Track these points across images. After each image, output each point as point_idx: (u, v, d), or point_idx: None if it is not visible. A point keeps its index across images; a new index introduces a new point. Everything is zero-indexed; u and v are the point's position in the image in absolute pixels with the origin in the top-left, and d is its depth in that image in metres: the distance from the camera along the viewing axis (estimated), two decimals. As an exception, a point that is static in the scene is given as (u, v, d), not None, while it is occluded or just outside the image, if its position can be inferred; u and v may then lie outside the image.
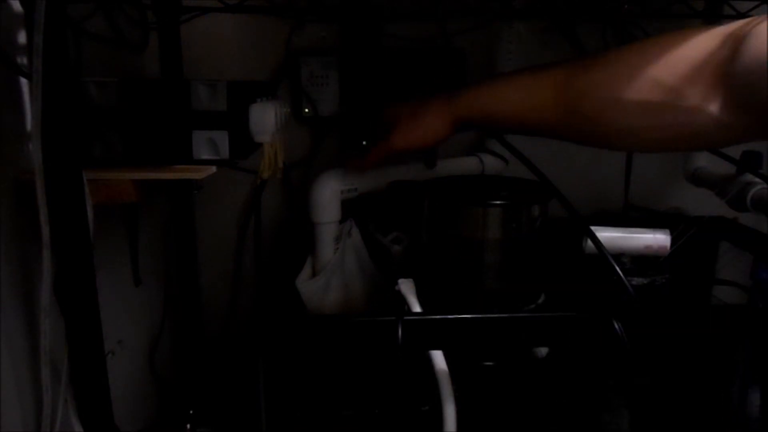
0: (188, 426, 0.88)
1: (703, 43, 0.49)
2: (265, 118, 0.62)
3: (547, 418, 0.68)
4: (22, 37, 0.53)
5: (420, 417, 0.65)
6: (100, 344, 0.52)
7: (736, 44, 0.46)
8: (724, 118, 0.48)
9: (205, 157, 0.59)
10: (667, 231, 0.77)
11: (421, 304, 0.64)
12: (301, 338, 0.53)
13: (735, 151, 0.85)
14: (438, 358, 0.59)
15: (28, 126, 0.54)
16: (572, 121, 0.58)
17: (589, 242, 0.66)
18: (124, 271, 0.82)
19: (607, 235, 0.75)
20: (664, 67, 0.50)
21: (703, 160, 1.01)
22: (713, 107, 0.48)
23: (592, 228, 0.65)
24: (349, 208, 0.85)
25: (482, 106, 0.65)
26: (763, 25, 0.45)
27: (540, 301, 0.73)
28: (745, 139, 0.51)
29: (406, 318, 0.51)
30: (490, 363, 0.68)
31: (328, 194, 0.81)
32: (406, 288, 0.66)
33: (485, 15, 0.95)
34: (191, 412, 0.89)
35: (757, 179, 0.86)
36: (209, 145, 0.59)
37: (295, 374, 0.71)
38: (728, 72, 0.47)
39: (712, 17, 0.89)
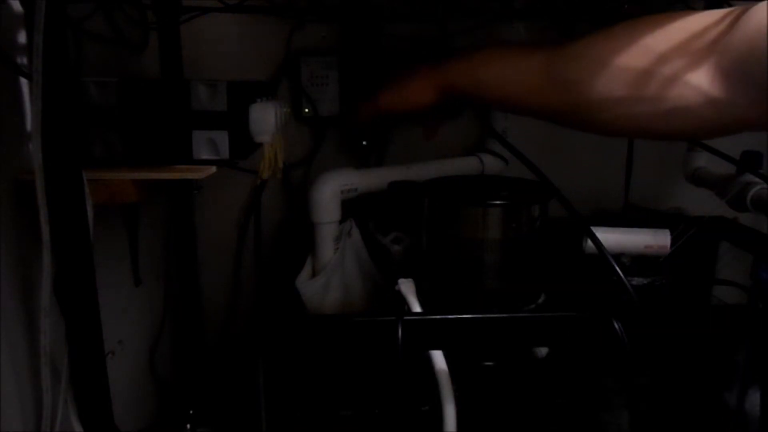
0: (188, 426, 0.88)
1: (701, 18, 0.48)
2: (265, 118, 0.62)
3: (547, 418, 0.68)
4: (22, 37, 0.53)
5: (420, 417, 0.65)
6: (100, 344, 0.52)
7: (735, 19, 0.45)
8: (714, 92, 0.46)
9: (205, 157, 0.59)
10: (667, 231, 0.77)
11: (421, 304, 0.64)
12: (301, 338, 0.53)
13: (735, 151, 0.85)
14: (438, 358, 0.59)
15: (28, 126, 0.54)
16: (558, 89, 0.56)
17: (589, 242, 0.66)
18: (124, 271, 0.82)
19: (607, 235, 0.75)
20: (659, 36, 0.49)
21: (703, 160, 1.01)
22: (703, 79, 0.46)
23: (592, 228, 0.65)
24: (349, 208, 0.85)
25: (470, 73, 0.63)
26: (765, 2, 0.43)
27: (540, 301, 0.73)
28: (732, 123, 0.48)
29: (406, 318, 0.51)
30: (490, 363, 0.68)
31: (328, 194, 0.81)
32: (406, 288, 0.66)
33: (485, 15, 0.95)
34: (191, 412, 0.89)
35: (757, 179, 0.86)
36: (209, 145, 0.59)
37: (295, 374, 0.71)
38: (724, 43, 0.45)
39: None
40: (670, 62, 0.48)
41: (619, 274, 0.57)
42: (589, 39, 0.55)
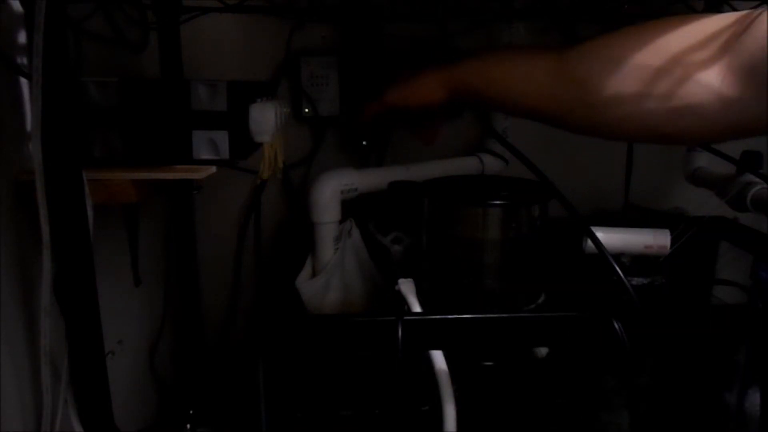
0: (188, 426, 0.88)
1: (715, 20, 0.48)
2: (265, 118, 0.62)
3: (547, 418, 0.68)
4: (22, 37, 0.53)
5: (420, 417, 0.65)
6: (100, 344, 0.52)
7: (750, 22, 0.46)
8: (724, 91, 0.47)
9: (205, 157, 0.59)
10: (667, 231, 0.77)
11: (421, 304, 0.64)
12: (301, 338, 0.53)
13: (735, 151, 0.85)
14: (438, 358, 0.59)
15: (28, 126, 0.54)
16: (569, 86, 0.56)
17: (589, 242, 0.66)
18: (124, 271, 0.82)
19: (607, 235, 0.75)
20: (672, 36, 0.49)
21: (703, 160, 1.01)
22: (714, 77, 0.47)
23: (592, 228, 0.65)
24: (349, 208, 0.85)
25: (481, 71, 0.63)
26: None
27: (540, 301, 0.73)
28: (740, 124, 0.48)
29: (406, 318, 0.51)
30: (490, 363, 0.68)
31: (328, 194, 0.81)
32: (406, 288, 0.66)
33: (485, 15, 0.95)
34: (191, 412, 0.89)
35: (757, 179, 0.86)
36: (209, 145, 0.59)
37: (295, 374, 0.71)
38: (737, 44, 0.46)
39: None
40: (682, 61, 0.48)
41: (619, 274, 0.57)
42: (600, 39, 0.55)
